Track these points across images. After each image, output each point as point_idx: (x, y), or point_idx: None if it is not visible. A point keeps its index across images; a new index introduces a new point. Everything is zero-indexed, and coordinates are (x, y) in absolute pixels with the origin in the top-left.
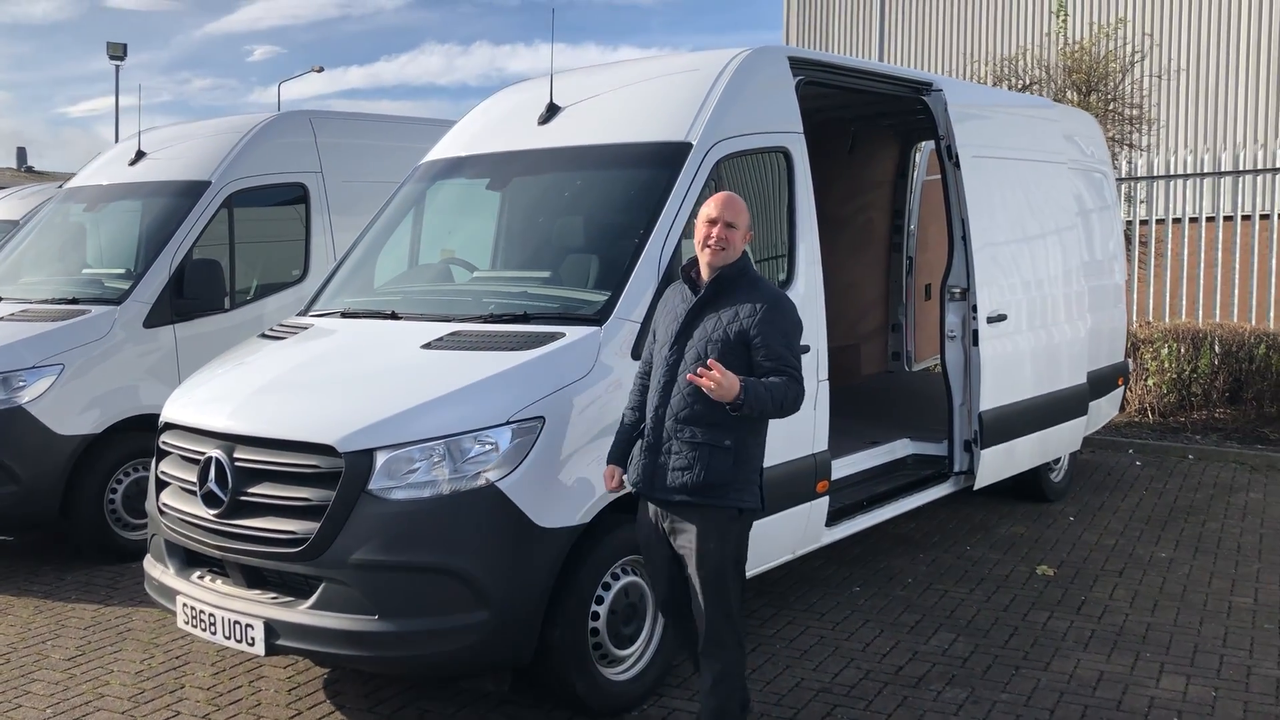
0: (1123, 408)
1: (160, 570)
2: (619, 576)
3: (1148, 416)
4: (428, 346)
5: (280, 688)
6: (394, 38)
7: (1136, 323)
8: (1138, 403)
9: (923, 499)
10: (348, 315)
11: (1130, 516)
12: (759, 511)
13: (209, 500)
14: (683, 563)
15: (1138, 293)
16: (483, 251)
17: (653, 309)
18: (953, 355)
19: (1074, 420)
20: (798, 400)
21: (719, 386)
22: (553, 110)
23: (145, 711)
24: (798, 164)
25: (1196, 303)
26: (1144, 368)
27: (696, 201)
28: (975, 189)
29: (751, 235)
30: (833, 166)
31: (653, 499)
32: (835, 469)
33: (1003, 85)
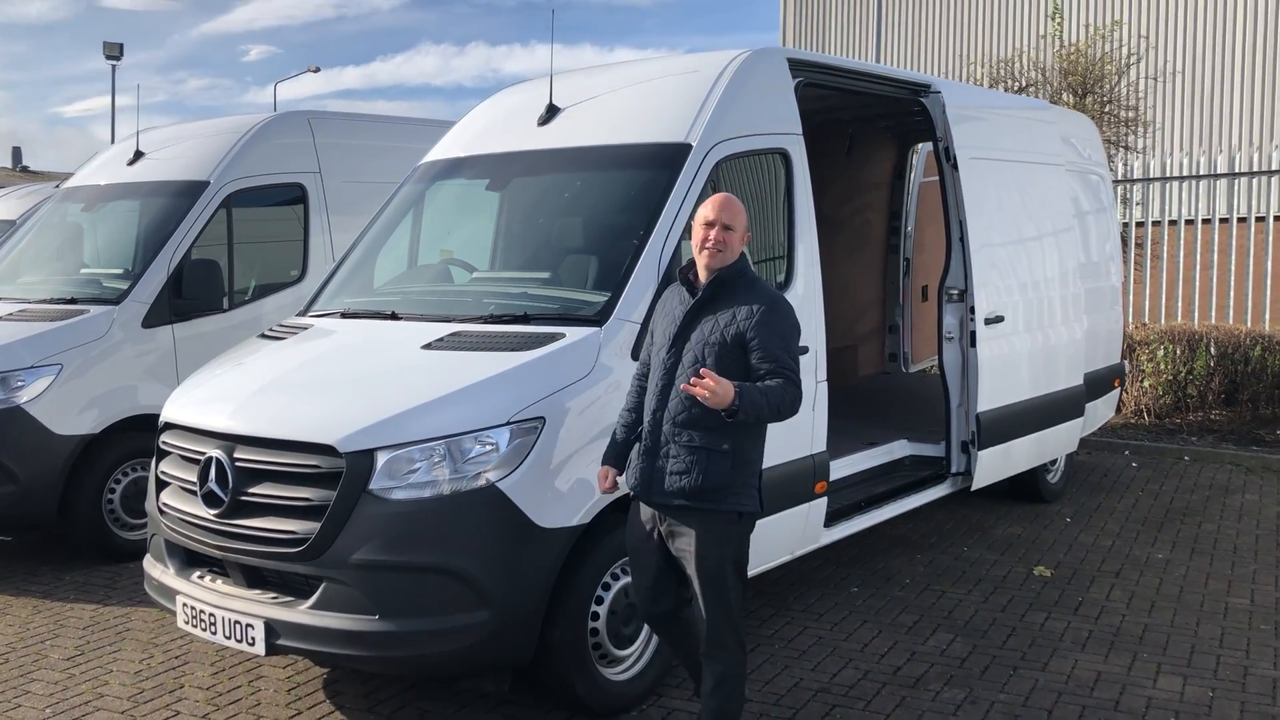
0: (1119, 409)
1: (160, 570)
2: (619, 577)
3: (1144, 418)
4: (428, 347)
5: (280, 688)
6: (390, 38)
7: (1132, 324)
8: (1134, 404)
9: (920, 500)
10: (348, 315)
11: (1127, 518)
12: (758, 514)
13: (209, 500)
14: (678, 566)
15: (1133, 294)
16: (482, 252)
17: (652, 310)
18: (950, 356)
19: (1071, 421)
20: (795, 403)
21: (713, 395)
22: (552, 111)
23: (145, 711)
24: (797, 165)
25: (1192, 304)
26: (1140, 369)
27: (696, 202)
28: (973, 191)
29: (749, 237)
30: (830, 168)
31: (650, 503)
32: (833, 470)
33: (999, 87)
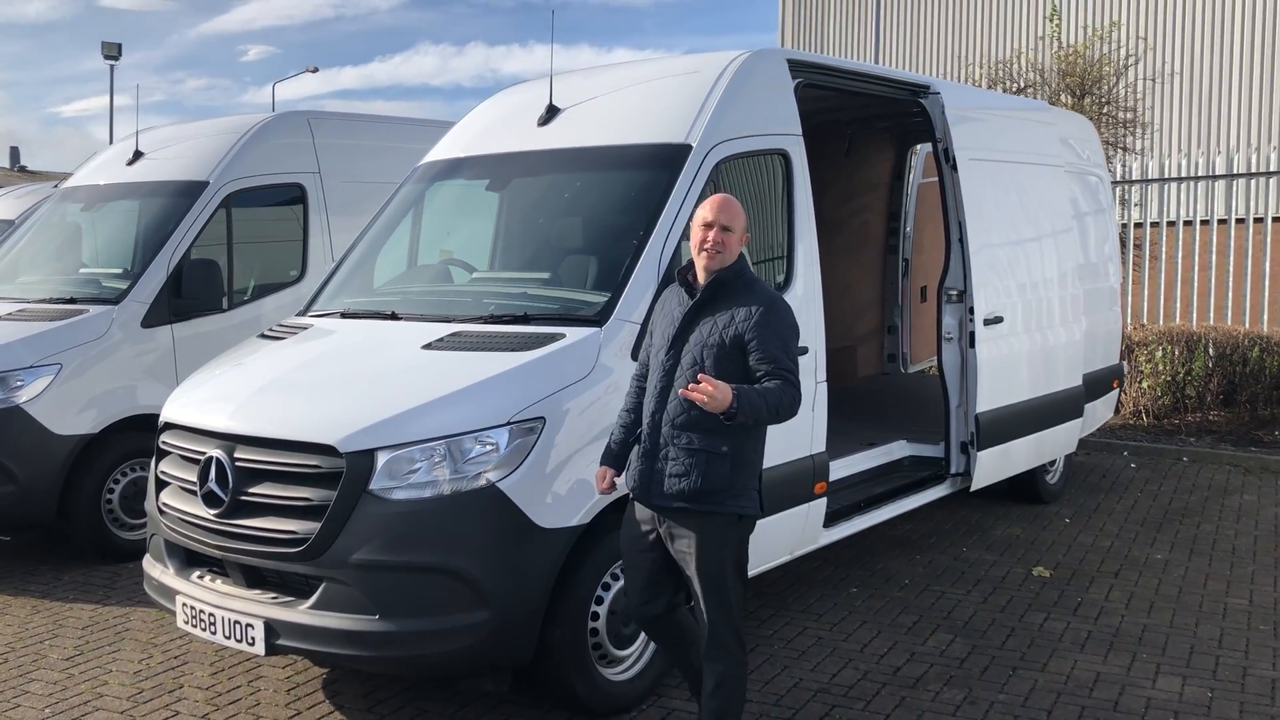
0: (1117, 410)
1: (160, 570)
2: (618, 577)
3: (1142, 419)
4: (428, 347)
5: (279, 687)
6: (388, 38)
7: (1131, 325)
8: (1132, 405)
9: (919, 500)
10: (347, 315)
11: (1125, 518)
12: (759, 515)
13: (209, 500)
14: (672, 568)
15: (1132, 295)
16: (482, 252)
17: (652, 310)
18: (949, 357)
19: (1070, 422)
20: (794, 405)
21: (711, 400)
22: (552, 112)
23: (144, 711)
24: (796, 166)
25: (1190, 305)
26: (1138, 370)
27: (696, 203)
28: (972, 191)
29: (748, 237)
30: (829, 169)
31: (650, 505)
32: (833, 470)
33: (997, 88)
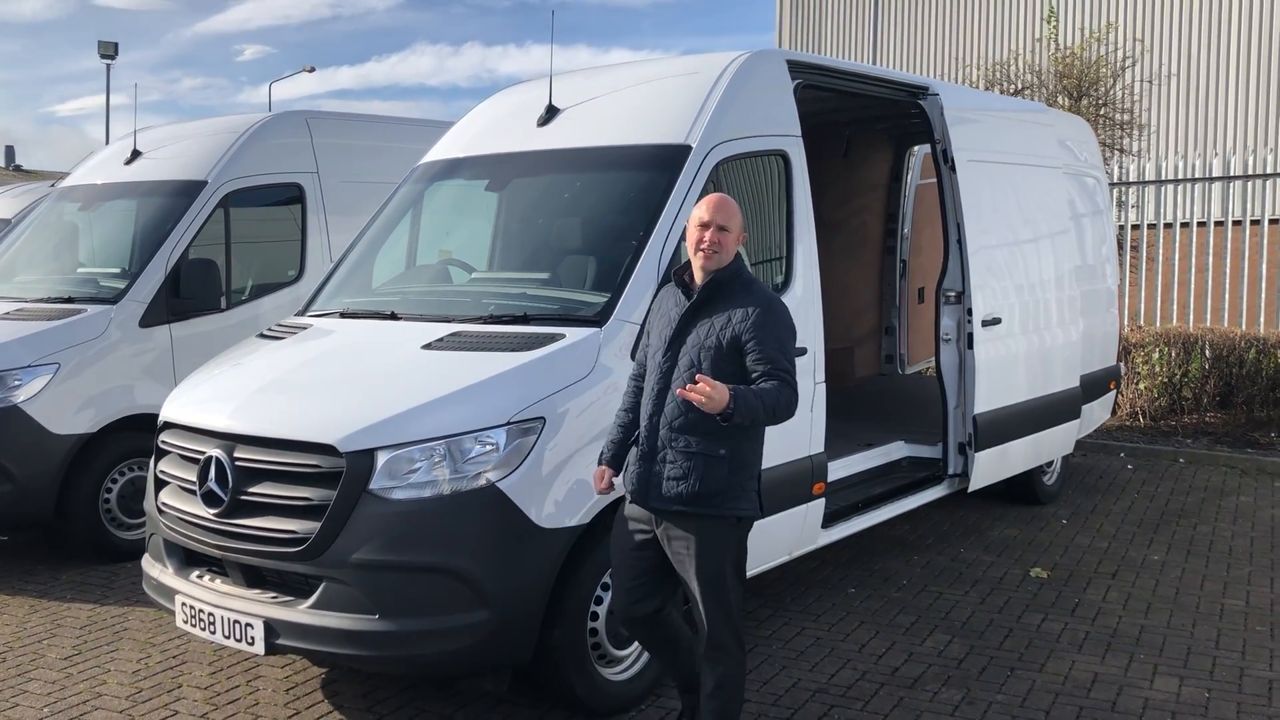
0: (1114, 411)
1: (159, 570)
2: None
3: (1139, 420)
4: (428, 347)
5: (278, 687)
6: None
7: (1128, 327)
8: (1129, 406)
9: (917, 501)
10: (347, 315)
11: (1122, 519)
12: (758, 517)
13: (209, 499)
14: (664, 570)
15: (1129, 297)
16: (481, 253)
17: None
18: (947, 358)
19: (1067, 423)
20: (791, 405)
21: (708, 400)
22: (552, 112)
23: (143, 711)
24: (796, 167)
25: (1187, 307)
26: (1135, 372)
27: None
28: (970, 193)
29: (745, 237)
30: (828, 170)
31: (648, 507)
32: (831, 471)
33: (994, 89)
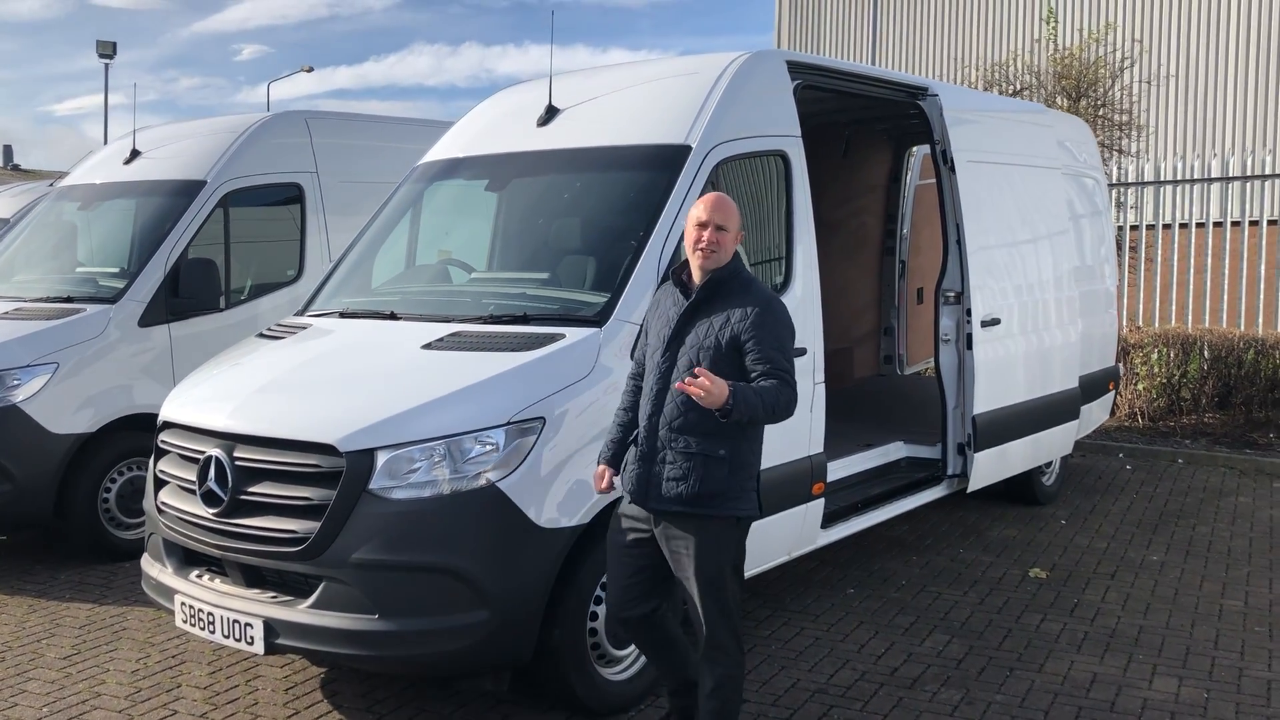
0: (1113, 412)
1: (158, 569)
2: None
3: (1137, 421)
4: (428, 347)
5: (277, 687)
6: (383, 38)
7: (1126, 327)
8: (1127, 407)
9: (916, 501)
10: (346, 315)
11: (1121, 520)
12: (756, 517)
13: (209, 499)
14: (659, 571)
15: (1128, 298)
16: (480, 253)
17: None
18: (947, 359)
19: (1066, 424)
20: (790, 405)
21: (707, 394)
22: (551, 112)
23: (142, 710)
24: (795, 167)
25: (1186, 308)
26: (1134, 372)
27: None
28: (970, 193)
29: (743, 236)
30: (827, 170)
31: (647, 508)
32: (830, 471)
33: (993, 90)
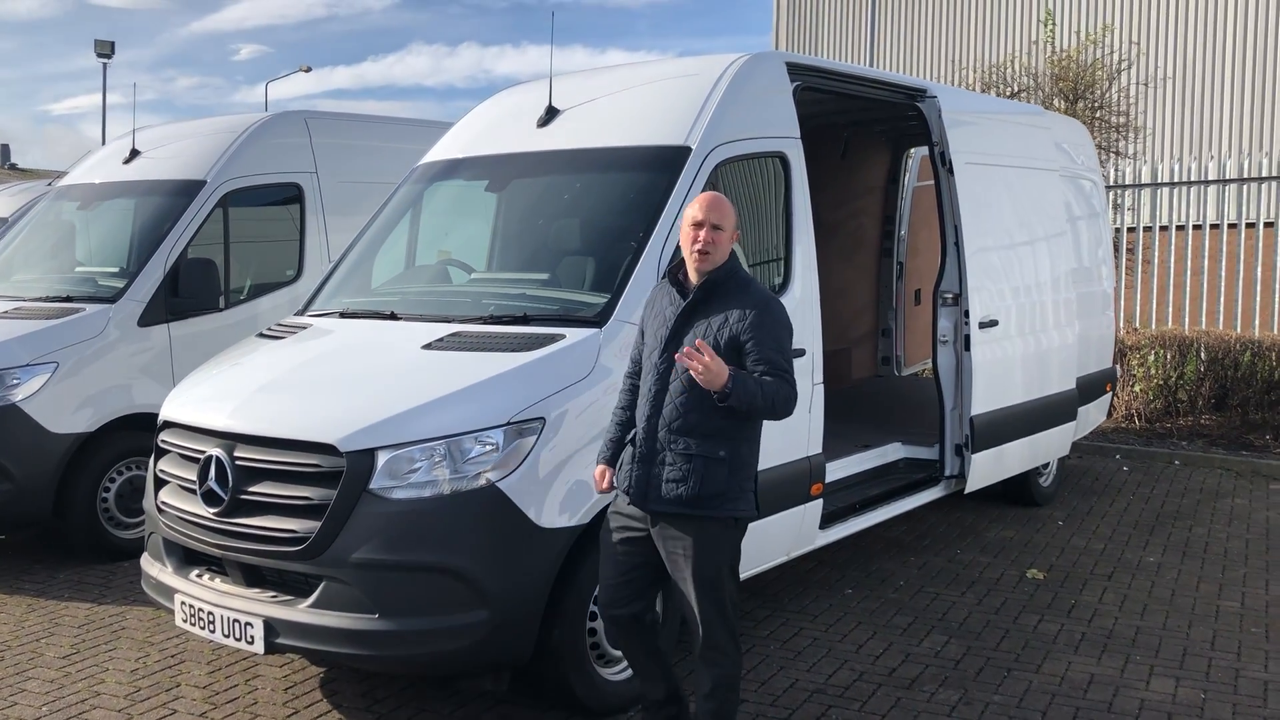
0: (1110, 413)
1: (158, 569)
2: None
3: (1134, 422)
4: (428, 347)
5: (277, 686)
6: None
7: (1123, 329)
8: (1124, 409)
9: (914, 502)
10: (346, 315)
11: (1118, 521)
12: (754, 517)
13: (209, 499)
14: (653, 572)
15: (1125, 299)
16: (480, 253)
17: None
18: (944, 360)
19: (1063, 425)
20: (789, 403)
21: (707, 371)
22: (551, 113)
23: (141, 710)
24: (795, 169)
25: (1183, 310)
26: (1131, 374)
27: None
28: (968, 195)
29: (739, 235)
30: (825, 172)
31: (647, 509)
32: (829, 472)
33: (991, 92)
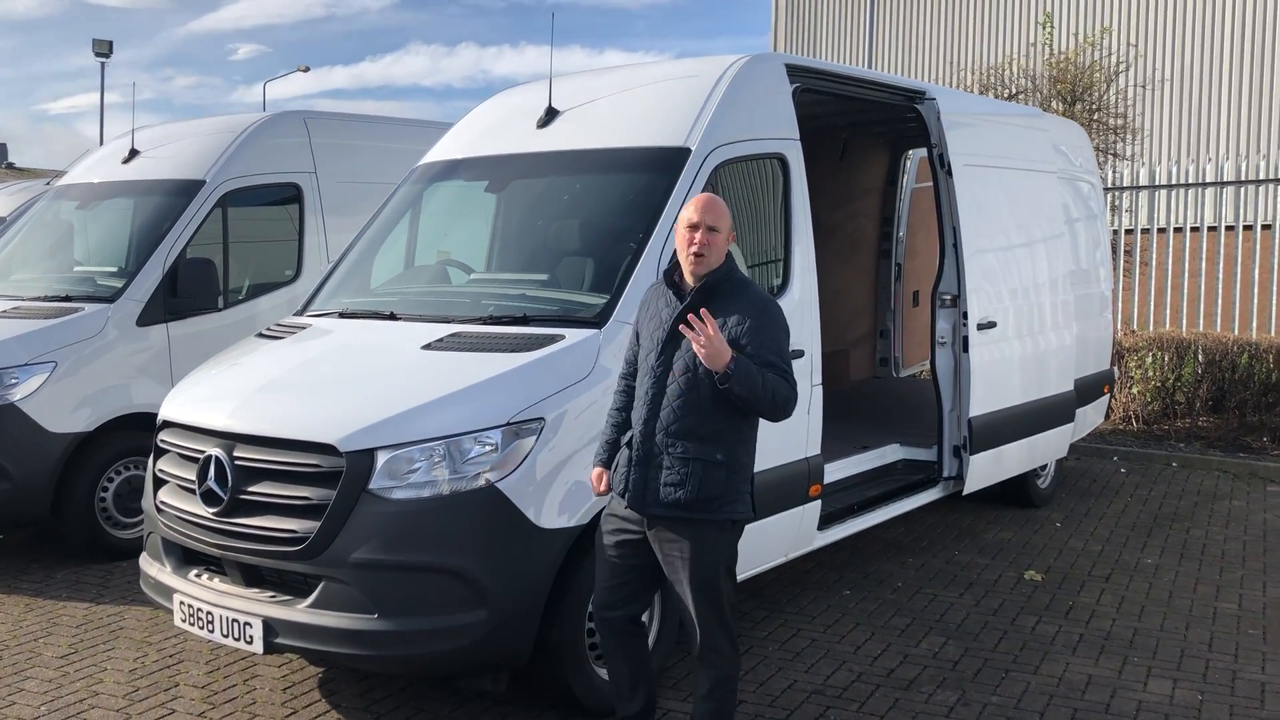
0: (1108, 415)
1: (157, 568)
2: None
3: (1132, 424)
4: (428, 347)
5: (275, 686)
6: (379, 38)
7: (1121, 331)
8: (1122, 410)
9: (912, 504)
10: (345, 315)
11: (1116, 523)
12: (751, 519)
13: (208, 498)
14: (649, 574)
15: (1122, 301)
16: (479, 254)
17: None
18: (943, 361)
19: (1061, 427)
20: (789, 402)
21: (709, 346)
22: (551, 114)
23: (140, 709)
24: (794, 170)
25: (1180, 312)
26: (1129, 376)
27: None
28: (966, 197)
29: (734, 236)
30: (824, 173)
31: (644, 513)
32: (827, 473)
33: (989, 94)
